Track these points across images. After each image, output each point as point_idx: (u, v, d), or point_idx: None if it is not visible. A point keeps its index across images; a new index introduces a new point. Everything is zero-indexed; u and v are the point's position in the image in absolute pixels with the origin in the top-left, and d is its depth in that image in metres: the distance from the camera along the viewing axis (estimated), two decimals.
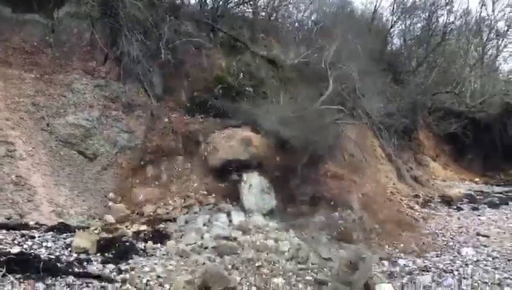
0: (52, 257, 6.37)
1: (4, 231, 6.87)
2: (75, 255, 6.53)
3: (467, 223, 11.60)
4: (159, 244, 7.42)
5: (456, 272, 7.79)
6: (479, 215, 12.96)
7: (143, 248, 7.21)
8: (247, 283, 6.43)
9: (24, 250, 6.42)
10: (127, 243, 7.22)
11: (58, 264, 6.11)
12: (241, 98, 11.41)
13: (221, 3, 15.77)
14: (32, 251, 6.42)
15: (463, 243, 9.68)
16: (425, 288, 7.05)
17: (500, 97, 22.26)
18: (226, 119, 10.72)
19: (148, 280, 6.09)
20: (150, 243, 7.36)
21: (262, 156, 9.46)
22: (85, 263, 6.33)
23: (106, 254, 6.74)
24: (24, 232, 7.00)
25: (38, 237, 6.95)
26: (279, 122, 9.97)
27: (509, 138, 21.61)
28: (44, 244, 6.75)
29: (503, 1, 25.10)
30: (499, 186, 19.03)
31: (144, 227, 8.16)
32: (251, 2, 16.73)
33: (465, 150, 21.67)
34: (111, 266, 6.37)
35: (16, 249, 6.35)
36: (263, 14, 16.98)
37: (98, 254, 6.70)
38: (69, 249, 6.68)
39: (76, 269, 6.08)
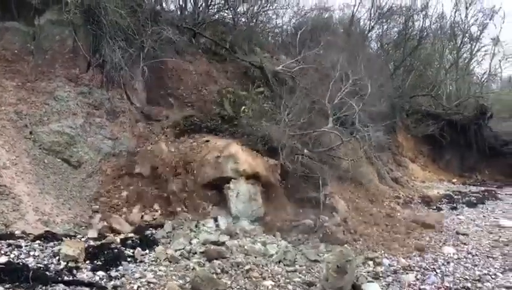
0: (41, 265, 6.34)
1: None
2: (63, 263, 6.49)
3: (446, 223, 11.89)
4: (147, 251, 7.43)
5: (438, 270, 8.02)
6: (458, 215, 13.32)
7: (132, 254, 7.21)
8: (238, 287, 6.51)
9: (11, 260, 6.37)
10: (116, 250, 7.21)
11: (48, 273, 6.09)
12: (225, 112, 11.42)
13: (201, 9, 15.90)
14: (20, 261, 6.37)
15: (444, 241, 9.94)
16: (410, 286, 7.26)
17: (474, 99, 22.94)
18: (213, 133, 10.74)
19: (139, 286, 6.11)
20: (138, 249, 7.35)
21: (251, 172, 9.54)
22: (74, 271, 6.31)
23: (95, 262, 6.72)
24: (10, 241, 6.91)
25: (25, 246, 6.88)
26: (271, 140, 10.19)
27: (484, 139, 22.28)
28: (31, 253, 6.70)
29: (475, 7, 25.68)
30: (476, 186, 19.62)
31: (131, 234, 8.17)
32: (231, 8, 16.89)
33: (442, 151, 22.23)
34: (101, 273, 6.36)
35: (3, 259, 6.29)
36: (243, 20, 17.09)
37: (87, 262, 6.68)
38: (57, 257, 6.64)
39: (66, 278, 6.07)
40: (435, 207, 14.25)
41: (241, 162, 9.55)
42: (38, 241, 7.11)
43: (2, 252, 6.58)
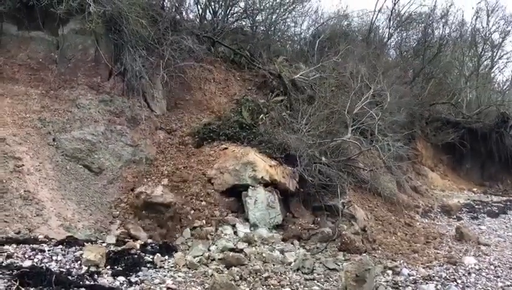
0: (63, 270, 6.49)
1: (14, 245, 6.97)
2: (85, 268, 6.62)
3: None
4: (166, 257, 7.53)
5: (459, 281, 7.91)
6: (479, 225, 13.12)
7: (151, 260, 7.31)
8: None
9: (35, 264, 6.53)
10: (136, 256, 7.32)
11: (70, 277, 6.22)
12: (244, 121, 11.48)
13: (220, 18, 16.08)
14: (43, 265, 6.53)
15: (465, 252, 9.80)
16: None
17: (496, 107, 22.53)
18: (231, 141, 10.83)
19: None
20: (157, 255, 7.45)
21: (269, 180, 9.62)
22: (96, 276, 6.43)
23: (116, 267, 6.84)
24: (34, 246, 7.09)
25: (48, 250, 7.04)
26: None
27: (505, 147, 21.82)
28: (54, 257, 6.85)
29: (497, 14, 25.27)
30: (497, 196, 19.22)
31: (150, 240, 8.26)
32: (250, 17, 17.03)
33: (462, 160, 21.85)
34: (121, 279, 6.47)
35: (27, 263, 6.46)
36: (262, 28, 17.21)
37: (108, 267, 6.80)
38: (79, 262, 6.78)
39: (87, 282, 6.20)
40: (455, 217, 14.03)
41: (259, 170, 9.61)
42: (60, 246, 7.27)
43: (26, 256, 6.75)
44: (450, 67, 24.02)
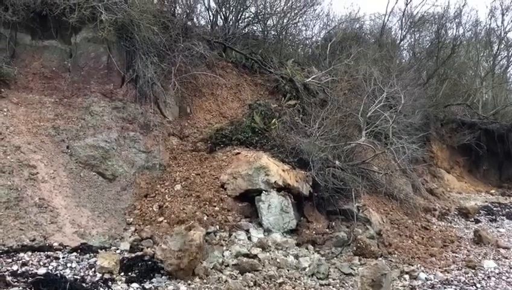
0: (78, 277, 6.51)
1: (29, 253, 7.03)
2: (99, 275, 6.63)
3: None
4: None
5: (478, 285, 7.74)
6: (497, 227, 12.87)
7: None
8: None
9: (50, 271, 6.56)
10: (149, 262, 7.29)
11: (84, 285, 6.24)
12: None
13: (231, 23, 16.10)
14: (57, 272, 6.56)
15: (484, 255, 9.60)
16: None
17: None
18: (244, 145, 10.83)
19: None
20: None
21: (282, 184, 9.57)
22: (110, 283, 6.43)
23: (130, 274, 6.83)
24: (48, 253, 7.15)
25: (63, 257, 7.09)
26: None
27: None
28: (68, 265, 6.90)
29: None
30: None
31: (164, 246, 8.22)
32: (261, 22, 17.02)
33: (479, 162, 21.51)
34: (135, 285, 6.47)
35: (42, 270, 6.50)
36: (273, 33, 17.18)
37: (122, 274, 6.81)
38: (93, 269, 6.79)
39: (101, 289, 6.20)
40: (472, 219, 13.78)
41: (272, 174, 9.56)
42: (74, 253, 7.32)
43: (41, 263, 6.80)
44: (464, 68, 23.70)
